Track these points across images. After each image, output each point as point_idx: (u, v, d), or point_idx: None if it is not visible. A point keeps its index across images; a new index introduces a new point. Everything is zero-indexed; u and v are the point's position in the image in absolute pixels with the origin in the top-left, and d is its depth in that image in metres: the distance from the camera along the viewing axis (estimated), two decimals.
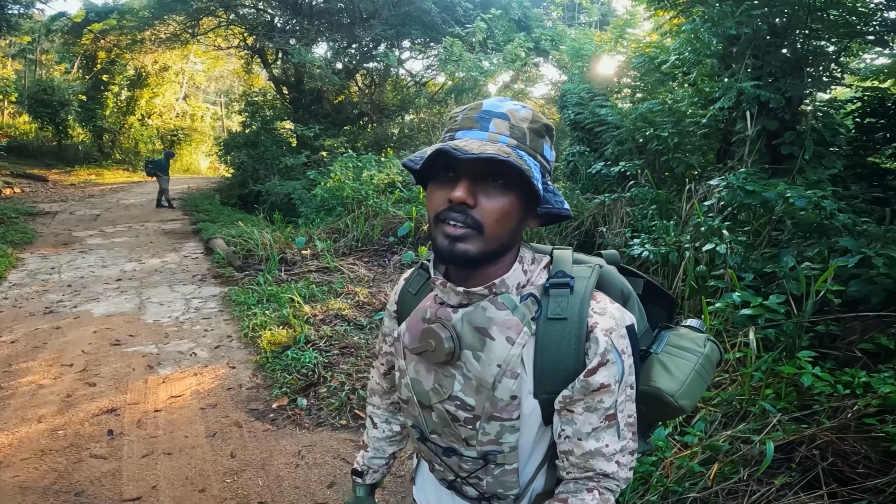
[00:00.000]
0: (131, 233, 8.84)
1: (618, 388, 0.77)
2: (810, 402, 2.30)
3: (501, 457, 0.83)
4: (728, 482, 2.03)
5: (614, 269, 0.90)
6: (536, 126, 0.77)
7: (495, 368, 0.78)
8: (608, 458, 0.79)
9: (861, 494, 1.91)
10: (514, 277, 0.79)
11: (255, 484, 2.54)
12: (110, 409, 3.17)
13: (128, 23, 15.14)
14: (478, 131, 0.75)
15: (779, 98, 3.69)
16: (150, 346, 4.12)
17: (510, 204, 0.74)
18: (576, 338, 0.76)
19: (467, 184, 0.73)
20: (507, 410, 0.80)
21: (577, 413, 0.78)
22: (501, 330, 0.78)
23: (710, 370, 0.91)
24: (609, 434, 0.79)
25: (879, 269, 2.65)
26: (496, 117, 0.76)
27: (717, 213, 3.84)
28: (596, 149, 7.34)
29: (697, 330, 0.97)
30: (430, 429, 0.90)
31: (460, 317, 0.81)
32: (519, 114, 0.76)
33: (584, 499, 0.80)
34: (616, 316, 0.78)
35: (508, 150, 0.72)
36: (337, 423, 3.06)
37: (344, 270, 5.80)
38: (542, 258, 0.85)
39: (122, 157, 19.64)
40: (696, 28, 3.94)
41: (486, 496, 0.89)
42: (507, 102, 0.78)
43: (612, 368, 0.76)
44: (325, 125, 13.17)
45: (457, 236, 0.73)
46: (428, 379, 0.86)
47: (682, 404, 0.84)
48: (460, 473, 0.90)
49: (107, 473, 2.57)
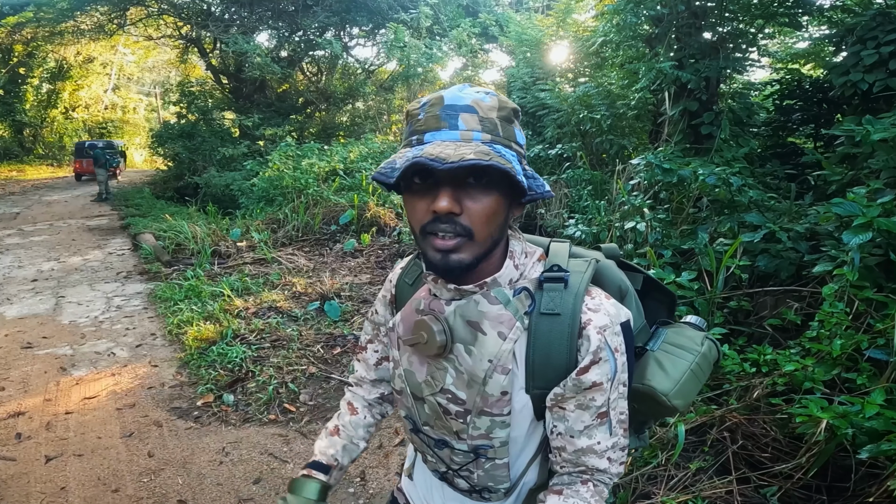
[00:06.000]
0: (52, 231, 8.28)
1: (610, 387, 0.76)
2: (722, 381, 2.32)
3: (492, 451, 0.82)
4: (647, 467, 2.06)
5: (613, 263, 0.88)
6: (504, 113, 0.72)
7: (486, 363, 0.76)
8: (600, 454, 0.78)
9: (770, 480, 1.94)
10: (506, 274, 0.77)
11: (175, 483, 2.44)
12: (18, 412, 3.00)
13: (45, 14, 13.99)
14: (447, 131, 0.69)
15: (696, 79, 3.81)
16: (65, 347, 3.87)
17: (496, 202, 0.70)
18: (568, 334, 0.74)
19: (450, 192, 0.68)
20: (498, 406, 0.78)
21: (569, 410, 0.77)
22: (493, 325, 0.76)
23: (706, 369, 0.89)
24: (601, 431, 0.78)
25: (785, 244, 2.77)
26: (463, 111, 0.70)
27: (643, 193, 3.94)
28: (539, 132, 7.43)
29: (697, 327, 0.95)
30: (422, 420, 0.87)
31: (453, 310, 0.78)
32: (485, 103, 0.71)
33: (579, 490, 0.79)
34: (611, 313, 0.76)
35: (486, 148, 0.67)
36: (265, 418, 2.97)
37: (282, 261, 5.63)
38: (536, 251, 0.82)
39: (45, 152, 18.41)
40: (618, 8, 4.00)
41: (477, 489, 0.87)
42: (468, 91, 0.72)
43: (604, 367, 0.74)
44: (269, 114, 12.71)
45: (449, 248, 0.70)
46: (421, 371, 0.84)
47: (676, 404, 0.82)
48: (452, 466, 0.88)
49: (13, 476, 2.47)
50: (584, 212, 4.75)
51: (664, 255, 3.13)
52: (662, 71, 3.71)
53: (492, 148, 0.68)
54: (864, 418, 1.68)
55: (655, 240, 3.22)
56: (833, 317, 2.12)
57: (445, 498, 0.95)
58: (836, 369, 2.06)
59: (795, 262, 2.80)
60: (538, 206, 5.81)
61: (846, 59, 3.47)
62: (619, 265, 0.90)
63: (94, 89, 20.45)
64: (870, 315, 2.16)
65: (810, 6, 3.99)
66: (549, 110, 6.79)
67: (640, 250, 3.56)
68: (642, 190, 4.02)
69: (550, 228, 5.23)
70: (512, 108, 0.73)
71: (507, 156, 0.68)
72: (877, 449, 1.63)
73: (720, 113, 3.97)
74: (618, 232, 3.80)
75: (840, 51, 3.63)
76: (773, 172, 4.09)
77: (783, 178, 3.98)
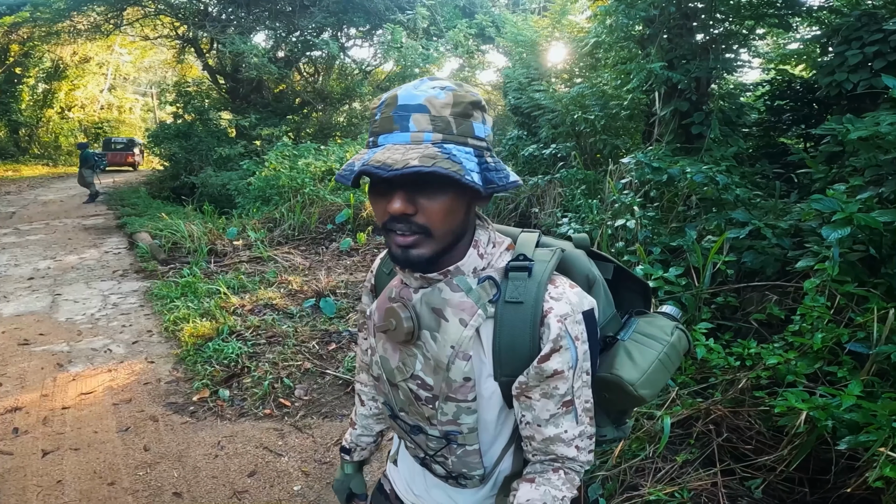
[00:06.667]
0: (48, 230, 8.28)
1: (573, 375, 0.77)
2: (709, 375, 2.37)
3: (461, 437, 0.83)
4: (635, 459, 2.10)
5: (582, 253, 0.89)
6: (460, 108, 0.71)
7: (449, 350, 0.78)
8: (567, 443, 0.80)
9: (754, 472, 1.99)
10: (470, 263, 0.78)
11: (170, 475, 2.48)
12: (15, 407, 3.03)
13: (42, 14, 13.96)
14: (399, 133, 0.69)
15: (686, 80, 3.86)
16: (61, 344, 3.90)
17: (451, 200, 0.72)
18: (531, 322, 0.75)
19: (403, 194, 0.70)
20: (462, 392, 0.79)
21: (535, 399, 0.78)
22: (455, 312, 0.77)
23: (675, 359, 0.89)
24: (567, 420, 0.79)
25: (771, 240, 2.82)
26: (415, 111, 0.69)
27: (634, 192, 3.99)
28: (534, 133, 7.47)
29: (670, 317, 0.95)
30: (398, 406, 0.90)
31: (420, 297, 0.80)
32: (439, 100, 0.70)
33: (551, 478, 0.81)
34: (573, 301, 0.77)
35: (433, 151, 0.67)
36: (260, 412, 3.00)
37: (278, 260, 5.66)
38: (504, 240, 0.83)
39: (41, 152, 18.37)
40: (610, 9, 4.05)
41: (453, 475, 0.89)
42: (424, 87, 0.71)
43: (565, 355, 0.75)
44: (266, 114, 12.72)
45: (407, 244, 0.72)
46: (394, 357, 0.86)
47: (642, 393, 0.82)
48: (428, 452, 0.90)
49: (10, 470, 2.49)
50: (577, 210, 4.80)
51: (653, 251, 3.18)
52: (653, 71, 3.76)
53: (441, 149, 0.67)
54: (842, 410, 1.73)
55: (645, 237, 3.27)
56: (814, 311, 2.16)
57: (427, 484, 0.97)
58: (818, 363, 2.10)
59: (780, 259, 2.85)
60: (532, 205, 5.87)
61: (832, 60, 3.53)
62: (589, 255, 0.91)
63: (91, 89, 20.42)
64: (850, 309, 2.21)
65: (799, 7, 4.04)
66: (544, 110, 6.84)
67: (630, 247, 3.61)
68: (633, 189, 4.07)
69: (544, 227, 5.27)
70: (470, 101, 0.72)
71: (457, 156, 0.68)
72: (855, 440, 1.67)
73: (710, 113, 4.03)
74: (609, 230, 3.85)
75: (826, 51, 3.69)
76: (762, 172, 4.15)
77: (772, 178, 4.03)
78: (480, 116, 0.73)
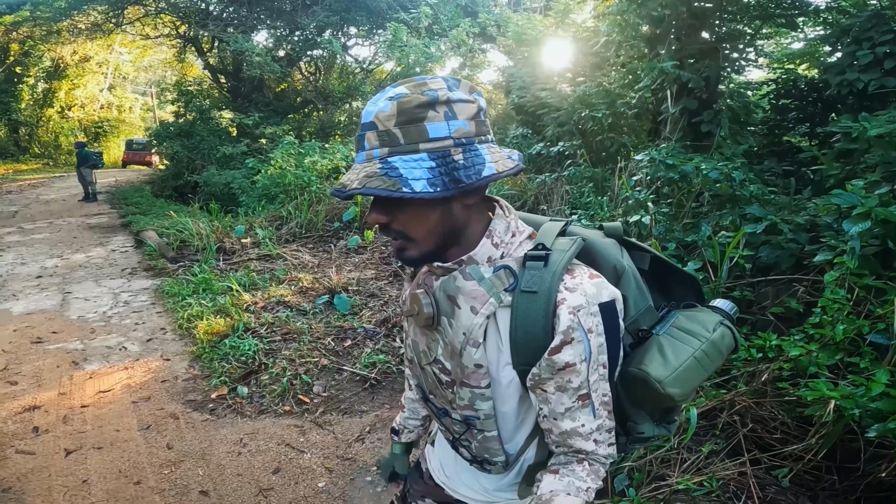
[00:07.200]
0: (52, 228, 8.25)
1: (586, 368, 0.76)
2: (729, 367, 2.41)
3: (479, 423, 0.85)
4: (660, 451, 2.13)
5: (612, 242, 0.87)
6: (406, 116, 0.70)
7: (461, 336, 0.79)
8: (585, 437, 0.79)
9: (781, 461, 2.02)
10: (483, 252, 0.79)
11: (195, 474, 2.47)
12: (34, 406, 3.01)
13: (42, 13, 13.92)
14: (360, 153, 0.74)
15: (697, 78, 3.90)
16: (75, 342, 3.89)
17: (416, 207, 0.74)
18: (543, 313, 0.74)
19: (377, 207, 0.76)
20: (475, 378, 0.81)
21: (550, 393, 0.78)
22: (467, 300, 0.79)
23: (714, 357, 0.83)
24: (584, 413, 0.78)
25: (786, 235, 2.86)
26: (367, 130, 0.72)
27: (645, 188, 4.03)
28: (539, 131, 7.51)
29: (721, 311, 0.90)
30: (428, 389, 0.93)
31: (439, 285, 0.83)
32: (384, 113, 0.71)
33: (575, 469, 0.80)
34: (589, 293, 0.75)
35: (372, 169, 0.70)
36: (280, 409, 3.00)
37: (287, 257, 5.67)
38: (526, 230, 0.83)
39: (41, 152, 18.32)
40: (622, 9, 4.09)
41: (478, 459, 0.91)
42: (378, 101, 0.72)
43: (577, 347, 0.74)
44: (267, 113, 12.72)
45: (397, 248, 0.79)
46: (421, 341, 0.89)
47: (671, 392, 0.78)
48: (454, 435, 0.92)
49: (34, 469, 2.47)
50: (586, 207, 4.84)
51: (668, 247, 3.22)
52: (664, 70, 3.80)
53: (384, 165, 0.70)
54: (869, 399, 1.76)
55: (659, 233, 3.30)
56: (835, 303, 2.21)
57: (458, 467, 1.00)
58: (839, 354, 2.14)
59: (795, 253, 2.90)
60: (540, 203, 5.90)
61: (842, 59, 3.58)
62: (624, 244, 0.89)
63: (90, 88, 20.35)
64: (869, 301, 2.25)
65: (806, 7, 4.09)
66: (548, 109, 6.88)
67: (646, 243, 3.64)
68: (644, 185, 4.11)
69: None
70: (419, 102, 0.70)
71: (397, 169, 0.69)
72: (884, 428, 1.71)
73: (719, 111, 4.07)
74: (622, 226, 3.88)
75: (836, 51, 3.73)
76: (770, 170, 4.19)
77: (780, 175, 4.09)
78: (440, 114, 0.71)
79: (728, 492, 1.95)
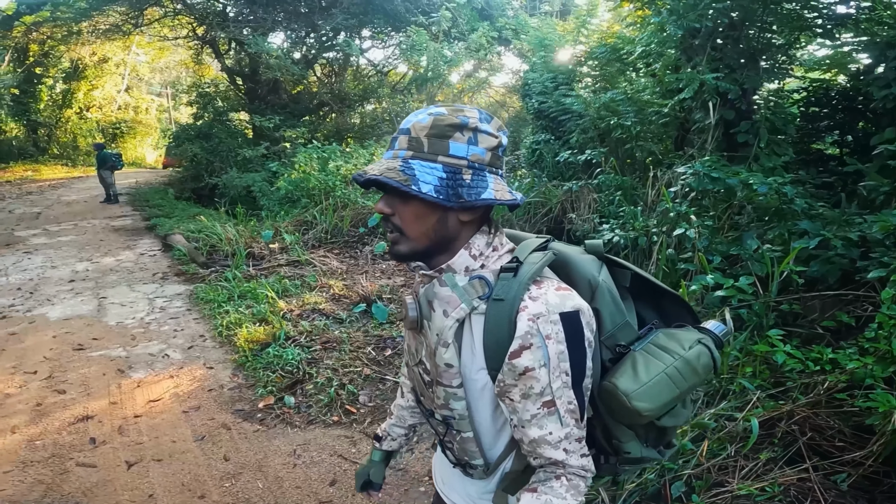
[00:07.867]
0: (78, 231, 8.35)
1: (547, 374, 0.78)
2: (783, 379, 2.45)
3: (455, 423, 0.90)
4: (717, 458, 2.16)
5: (590, 258, 0.91)
6: (437, 130, 0.81)
7: (435, 337, 0.87)
8: (554, 445, 0.81)
9: (841, 467, 2.06)
10: (461, 262, 0.85)
11: (255, 486, 2.48)
12: (86, 416, 3.04)
13: (62, 14, 14.07)
14: (388, 151, 0.85)
15: (736, 89, 3.90)
16: (118, 349, 3.95)
17: (417, 207, 0.82)
18: (507, 319, 0.79)
19: (386, 198, 0.85)
20: (447, 377, 0.87)
21: (517, 401, 0.81)
22: (441, 304, 0.86)
23: (688, 375, 0.85)
24: (551, 421, 0.80)
25: (838, 250, 2.87)
26: (402, 134, 0.83)
27: (683, 199, 4.03)
28: (560, 137, 7.49)
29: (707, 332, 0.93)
30: (419, 391, 0.99)
31: (423, 291, 0.90)
32: (421, 124, 0.81)
33: (554, 486, 0.82)
34: (551, 302, 0.78)
35: (394, 164, 0.80)
36: (329, 419, 3.02)
37: (316, 263, 5.71)
38: (507, 245, 0.90)
39: (59, 152, 18.49)
40: (663, 21, 4.09)
41: (461, 462, 0.96)
42: (422, 114, 0.83)
43: (536, 353, 0.78)
44: (284, 115, 12.78)
45: (391, 241, 0.87)
46: (412, 344, 0.97)
47: (637, 406, 0.80)
48: (440, 436, 0.98)
49: (97, 483, 2.48)
50: (617, 217, 4.83)
51: (713, 260, 3.22)
52: (705, 81, 3.80)
53: (403, 163, 0.80)
54: None
55: (703, 246, 3.31)
56: (890, 319, 2.23)
57: (450, 473, 1.05)
58: (893, 366, 2.18)
59: (846, 268, 2.91)
60: (567, 211, 5.90)
61: (886, 72, 3.55)
62: (605, 261, 0.93)
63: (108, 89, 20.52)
64: None
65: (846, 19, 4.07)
66: (571, 115, 6.87)
67: (682, 255, 3.65)
68: (681, 196, 4.10)
69: (580, 233, 5.30)
70: (450, 122, 0.81)
71: (413, 169, 0.79)
72: None
73: (757, 122, 4.06)
74: (656, 238, 3.88)
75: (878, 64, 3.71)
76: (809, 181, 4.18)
77: (819, 186, 4.07)
78: (465, 137, 0.81)
79: (789, 496, 1.98)
